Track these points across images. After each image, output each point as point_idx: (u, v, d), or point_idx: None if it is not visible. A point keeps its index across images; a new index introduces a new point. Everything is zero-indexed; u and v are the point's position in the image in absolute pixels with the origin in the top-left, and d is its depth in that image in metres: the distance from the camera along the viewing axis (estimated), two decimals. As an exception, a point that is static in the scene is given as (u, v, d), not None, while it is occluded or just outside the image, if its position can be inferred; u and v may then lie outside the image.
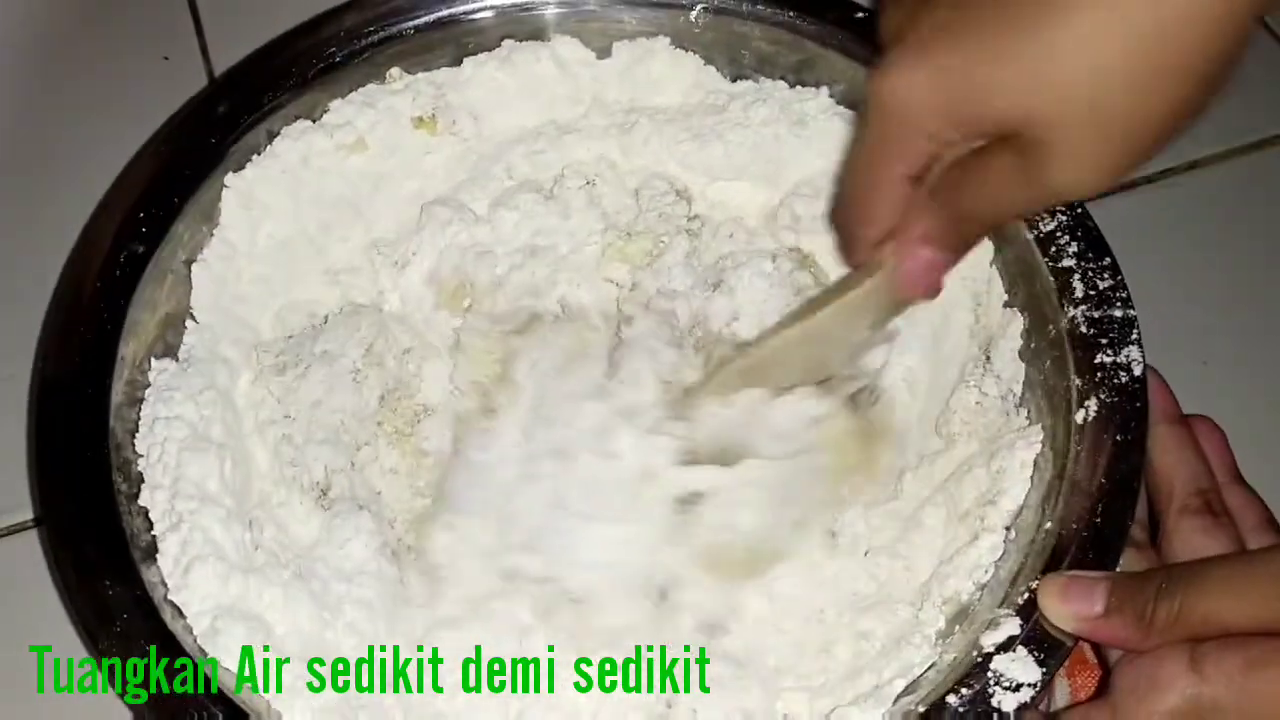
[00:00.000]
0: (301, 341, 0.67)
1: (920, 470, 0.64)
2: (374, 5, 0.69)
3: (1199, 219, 0.81)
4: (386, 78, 0.70)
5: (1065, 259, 0.61)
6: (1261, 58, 0.88)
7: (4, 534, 0.69)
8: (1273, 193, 0.82)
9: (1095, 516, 0.53)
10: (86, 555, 0.53)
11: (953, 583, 0.56)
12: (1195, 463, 0.57)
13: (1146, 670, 0.48)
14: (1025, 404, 0.61)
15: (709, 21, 0.71)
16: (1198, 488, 0.56)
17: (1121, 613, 0.49)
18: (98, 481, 0.56)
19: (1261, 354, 0.76)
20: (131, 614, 0.52)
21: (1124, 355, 0.57)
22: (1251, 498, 0.58)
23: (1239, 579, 0.48)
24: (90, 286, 0.61)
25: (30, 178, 0.83)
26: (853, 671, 0.56)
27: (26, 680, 0.63)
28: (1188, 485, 0.56)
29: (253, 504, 0.61)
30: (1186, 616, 0.48)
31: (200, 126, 0.66)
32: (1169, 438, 0.58)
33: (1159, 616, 0.48)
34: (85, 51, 0.90)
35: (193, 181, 0.65)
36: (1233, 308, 0.78)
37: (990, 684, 0.49)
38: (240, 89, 0.68)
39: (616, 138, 0.72)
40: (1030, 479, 0.58)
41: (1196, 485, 0.56)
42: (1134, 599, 0.49)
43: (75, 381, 0.58)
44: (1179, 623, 0.48)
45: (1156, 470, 0.57)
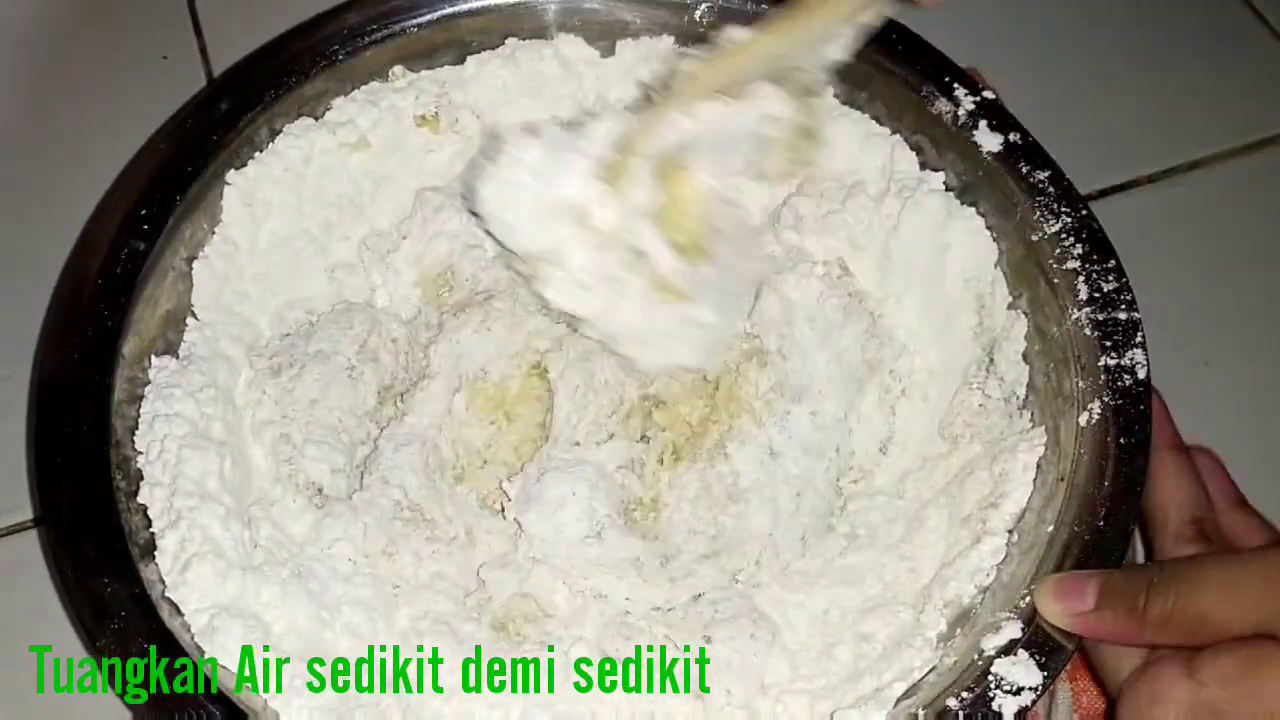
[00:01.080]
0: (295, 342, 0.66)
1: (923, 472, 0.63)
2: (375, 3, 0.69)
3: (1200, 219, 0.81)
4: (390, 75, 0.70)
5: (1070, 261, 0.60)
6: (1261, 58, 0.89)
7: (4, 534, 0.69)
8: (1273, 193, 0.82)
9: (1098, 520, 0.53)
10: (85, 553, 0.53)
11: (954, 586, 0.56)
12: (1192, 490, 0.57)
13: (1146, 686, 0.49)
14: (1028, 406, 0.61)
15: (714, 20, 0.70)
16: (1193, 515, 0.56)
17: (1113, 606, 0.49)
18: (97, 479, 0.55)
19: (1262, 354, 0.76)
20: (130, 612, 0.52)
21: (1128, 358, 0.57)
22: (1255, 521, 0.57)
23: (1231, 578, 0.48)
24: (91, 284, 0.60)
25: (30, 177, 0.83)
26: (853, 674, 0.56)
27: (26, 680, 0.63)
28: (1183, 513, 0.56)
29: (251, 502, 0.61)
30: (1180, 613, 0.48)
31: (202, 123, 0.66)
32: (1166, 465, 0.57)
33: (1152, 611, 0.48)
34: (85, 51, 0.90)
35: (194, 178, 0.65)
36: (1234, 307, 0.77)
37: (991, 687, 0.49)
38: (242, 87, 0.67)
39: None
40: (1033, 482, 0.58)
41: (1192, 513, 0.56)
42: (1125, 593, 0.49)
43: (76, 379, 0.58)
44: (1173, 619, 0.48)
45: (1153, 498, 0.56)
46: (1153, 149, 0.84)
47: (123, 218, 0.62)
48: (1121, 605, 0.49)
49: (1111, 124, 0.85)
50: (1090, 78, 0.88)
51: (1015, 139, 0.65)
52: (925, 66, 0.67)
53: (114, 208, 0.63)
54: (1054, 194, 0.63)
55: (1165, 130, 0.85)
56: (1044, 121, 0.66)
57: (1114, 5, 0.92)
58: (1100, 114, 0.85)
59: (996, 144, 0.64)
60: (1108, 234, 0.61)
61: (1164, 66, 0.88)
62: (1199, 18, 0.91)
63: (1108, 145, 0.83)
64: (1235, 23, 0.90)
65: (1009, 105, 0.66)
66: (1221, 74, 0.87)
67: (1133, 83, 0.87)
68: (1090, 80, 0.87)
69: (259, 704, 0.52)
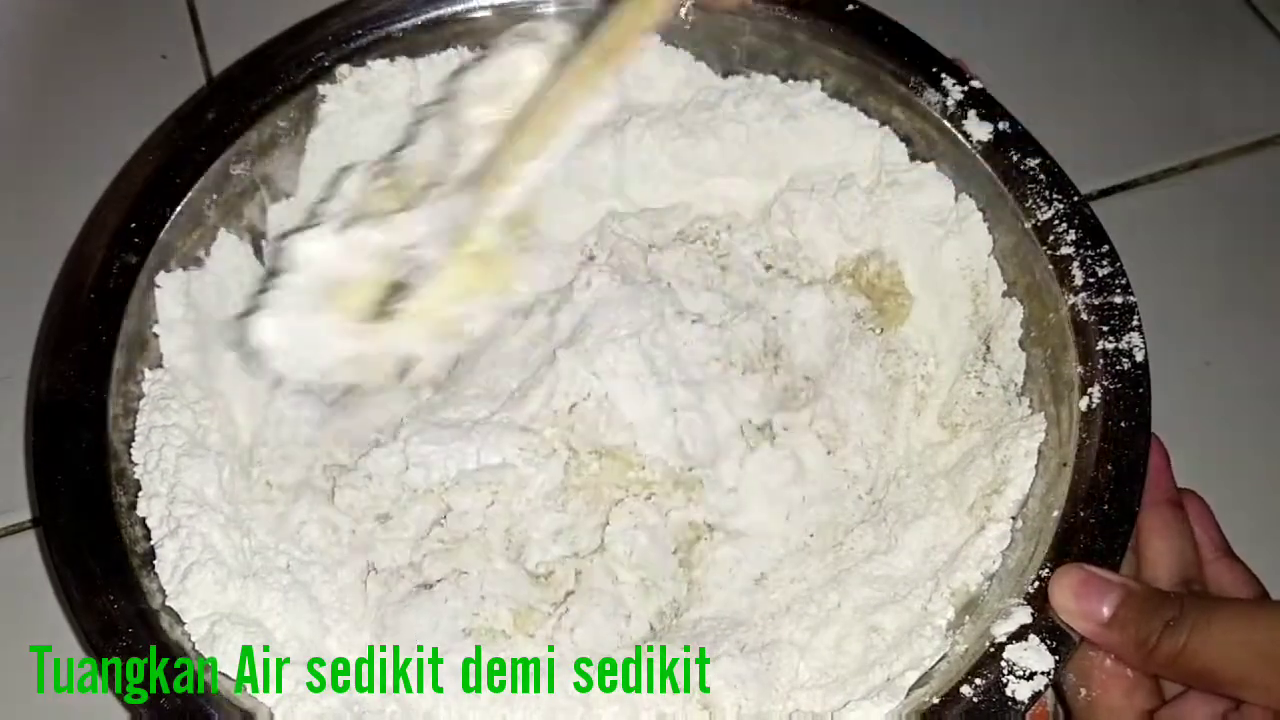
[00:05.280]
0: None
1: (925, 461, 0.63)
2: (362, 7, 0.69)
3: (1200, 219, 0.81)
4: (336, 75, 0.69)
5: (1064, 247, 0.60)
6: (1261, 58, 0.89)
7: (4, 534, 0.69)
8: (1273, 193, 0.82)
9: (1102, 503, 0.53)
10: (90, 570, 0.53)
11: (961, 574, 0.56)
12: (1184, 551, 0.56)
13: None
14: (1027, 393, 0.61)
15: (699, 18, 0.70)
16: (1183, 577, 0.55)
17: (1125, 630, 0.49)
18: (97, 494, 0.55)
19: (1263, 354, 0.76)
20: (136, 629, 0.51)
21: (1125, 341, 0.57)
22: (1242, 574, 0.57)
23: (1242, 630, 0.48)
24: (84, 298, 0.60)
25: (29, 176, 0.83)
26: (864, 665, 0.56)
27: (26, 680, 0.63)
28: (1173, 574, 0.55)
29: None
30: (1187, 662, 0.48)
31: (190, 135, 0.66)
32: (1161, 522, 0.57)
33: (1161, 650, 0.48)
34: (84, 51, 0.90)
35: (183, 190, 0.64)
36: (1235, 307, 0.78)
37: (1004, 673, 0.49)
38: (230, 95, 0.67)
39: (609, 136, 0.71)
40: (1035, 468, 0.58)
41: (1183, 574, 0.56)
42: (1142, 621, 0.49)
43: (72, 394, 0.57)
44: (1177, 664, 0.48)
45: (1145, 554, 0.56)
46: (1153, 149, 0.84)
47: (113, 231, 0.62)
48: (1132, 633, 0.49)
49: (1111, 124, 0.85)
50: (1090, 78, 0.88)
51: (1004, 128, 0.64)
52: (912, 57, 0.67)
53: (104, 221, 0.62)
54: (1045, 181, 0.62)
55: (1165, 130, 0.85)
56: (1044, 121, 0.66)
57: (1114, 5, 0.92)
58: (1100, 114, 0.85)
59: (986, 133, 0.64)
60: (1108, 234, 0.61)
61: (1164, 66, 0.89)
62: (1199, 18, 0.91)
63: (1108, 145, 0.83)
64: (1235, 23, 0.91)
65: (1008, 105, 0.66)
66: (1221, 74, 0.88)
67: (1133, 82, 0.88)
68: (1090, 80, 0.88)
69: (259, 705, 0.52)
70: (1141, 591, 0.50)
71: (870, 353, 0.67)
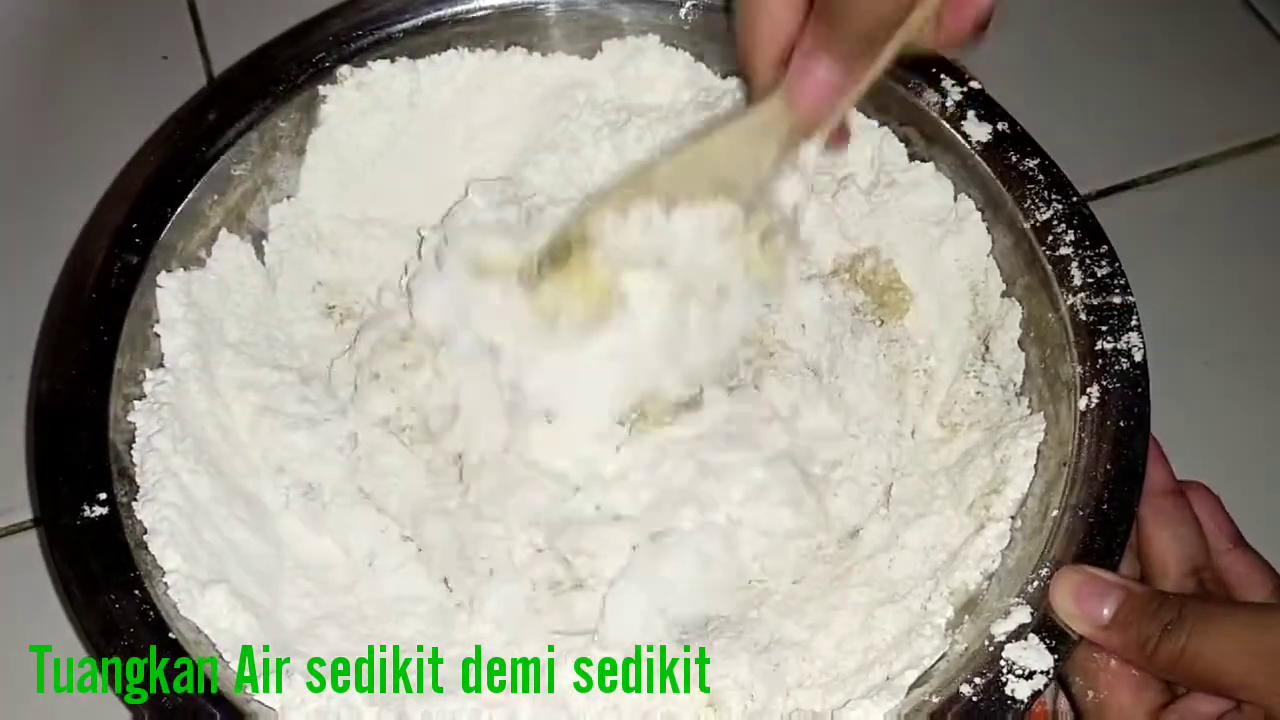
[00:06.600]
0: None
1: (925, 461, 0.64)
2: (363, 8, 0.69)
3: (1200, 218, 0.81)
4: (337, 76, 0.69)
5: (1062, 247, 0.61)
6: (1261, 58, 0.89)
7: (4, 534, 0.69)
8: (1273, 193, 0.82)
9: (1101, 503, 0.53)
10: (90, 570, 0.53)
11: (960, 573, 0.56)
12: (1191, 539, 0.56)
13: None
14: (1026, 393, 0.61)
15: (698, 19, 0.70)
16: (1192, 566, 0.55)
17: (1125, 632, 0.49)
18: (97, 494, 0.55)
19: (1263, 354, 0.76)
20: (137, 629, 0.51)
21: (1124, 341, 0.57)
22: (1257, 564, 0.57)
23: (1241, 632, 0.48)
24: (85, 298, 0.60)
25: (30, 176, 0.83)
26: (863, 664, 0.56)
27: (26, 680, 0.63)
28: (1182, 564, 0.55)
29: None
30: (1187, 666, 0.48)
31: (191, 135, 0.66)
32: (1164, 513, 0.57)
33: (1161, 653, 0.48)
34: (85, 51, 0.90)
35: (184, 190, 0.64)
36: (1234, 307, 0.77)
37: (1003, 672, 0.49)
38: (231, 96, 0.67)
39: (609, 137, 0.71)
40: (1034, 467, 0.58)
41: (1192, 564, 0.55)
42: (1142, 622, 0.49)
43: (72, 395, 0.57)
44: (1178, 666, 0.48)
45: (1151, 548, 0.56)
46: (1153, 149, 0.84)
47: (114, 231, 0.62)
48: (1133, 636, 0.49)
49: (1111, 124, 0.85)
50: (1090, 78, 0.88)
51: (1004, 128, 0.65)
52: (911, 57, 0.67)
53: (105, 221, 0.63)
54: (1044, 181, 0.63)
55: (1165, 130, 0.85)
56: (1044, 121, 0.66)
57: (1114, 5, 0.92)
58: (1100, 114, 0.85)
59: (985, 133, 0.65)
60: (1107, 234, 0.61)
61: (1164, 66, 0.88)
62: (1199, 17, 0.91)
63: (1108, 145, 0.83)
64: (1235, 23, 0.91)
65: (1008, 106, 0.66)
66: (1221, 74, 0.88)
67: (1133, 82, 0.87)
68: (1090, 81, 0.87)
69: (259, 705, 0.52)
70: (1142, 593, 0.50)
71: (872, 344, 0.67)
